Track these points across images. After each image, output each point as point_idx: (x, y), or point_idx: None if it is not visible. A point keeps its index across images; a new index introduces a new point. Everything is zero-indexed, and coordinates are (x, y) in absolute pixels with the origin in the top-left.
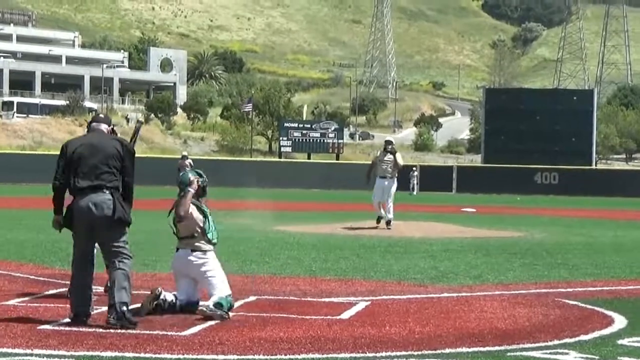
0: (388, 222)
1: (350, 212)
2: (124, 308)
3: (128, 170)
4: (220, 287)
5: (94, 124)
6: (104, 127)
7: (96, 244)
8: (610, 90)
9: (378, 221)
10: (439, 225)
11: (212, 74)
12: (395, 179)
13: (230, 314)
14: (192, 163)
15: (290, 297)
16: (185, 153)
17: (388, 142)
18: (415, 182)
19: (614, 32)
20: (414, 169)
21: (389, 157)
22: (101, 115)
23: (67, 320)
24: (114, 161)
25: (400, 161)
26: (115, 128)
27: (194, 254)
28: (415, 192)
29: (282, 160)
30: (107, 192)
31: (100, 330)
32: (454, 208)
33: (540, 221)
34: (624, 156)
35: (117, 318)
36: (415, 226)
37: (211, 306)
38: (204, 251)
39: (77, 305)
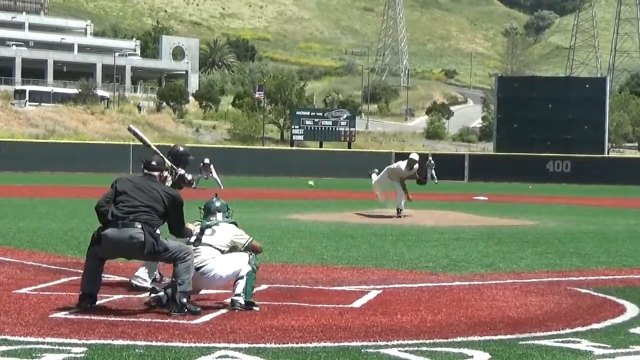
0: (399, 211)
1: (362, 201)
2: (184, 300)
3: (174, 220)
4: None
5: (145, 170)
6: (156, 174)
7: None
8: (623, 78)
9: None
10: (450, 213)
11: (224, 62)
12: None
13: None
14: (213, 168)
15: (302, 285)
16: (207, 160)
17: (413, 162)
18: (433, 171)
19: (627, 19)
20: (430, 158)
21: (411, 172)
22: (154, 163)
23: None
24: (157, 204)
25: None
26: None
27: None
28: (436, 181)
29: (294, 148)
30: (139, 225)
31: (112, 318)
32: (465, 196)
33: (552, 209)
34: (636, 144)
35: (178, 310)
36: (427, 214)
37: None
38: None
39: (86, 287)
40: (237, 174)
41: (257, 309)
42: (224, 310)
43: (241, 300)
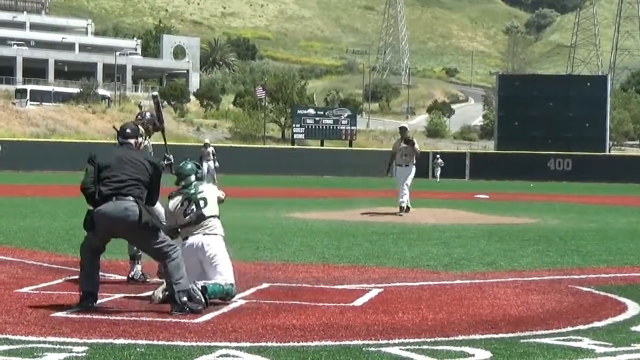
0: (401, 208)
1: (363, 199)
2: (184, 298)
3: (153, 189)
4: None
5: (120, 138)
6: (132, 141)
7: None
8: (624, 76)
9: (407, 210)
10: (451, 211)
11: (225, 61)
12: (413, 166)
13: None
14: (214, 152)
15: (303, 284)
16: (207, 140)
17: (403, 130)
18: (439, 170)
19: (627, 17)
20: (438, 156)
21: (407, 144)
22: (128, 131)
23: (77, 305)
24: (143, 176)
25: (418, 148)
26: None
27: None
28: (438, 180)
29: (295, 147)
30: (132, 199)
31: (113, 317)
32: (467, 194)
33: (553, 207)
34: (638, 142)
35: (179, 309)
36: (428, 213)
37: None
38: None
39: (84, 285)
40: (238, 172)
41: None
42: (225, 309)
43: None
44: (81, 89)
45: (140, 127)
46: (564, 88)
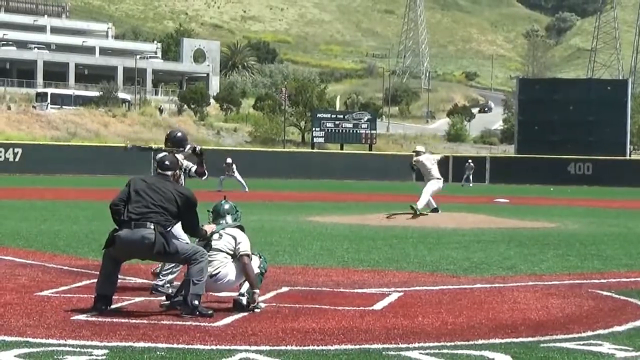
0: (415, 212)
1: (382, 203)
2: (196, 302)
3: (187, 220)
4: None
5: (159, 169)
6: (169, 173)
7: None
8: None
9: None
10: (470, 215)
11: (245, 64)
12: (434, 180)
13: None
14: (235, 168)
15: (322, 287)
16: (229, 160)
17: (415, 153)
18: (470, 175)
19: None
20: (470, 161)
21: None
22: (167, 163)
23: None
24: (170, 205)
25: (426, 162)
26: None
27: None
28: (471, 184)
29: (314, 151)
30: (151, 226)
31: (133, 320)
32: (487, 199)
33: (573, 212)
34: None
35: (190, 311)
36: (448, 217)
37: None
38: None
39: (100, 288)
40: (258, 176)
41: (258, 310)
42: (245, 313)
43: (244, 300)
44: (101, 93)
45: (179, 158)
46: (584, 92)
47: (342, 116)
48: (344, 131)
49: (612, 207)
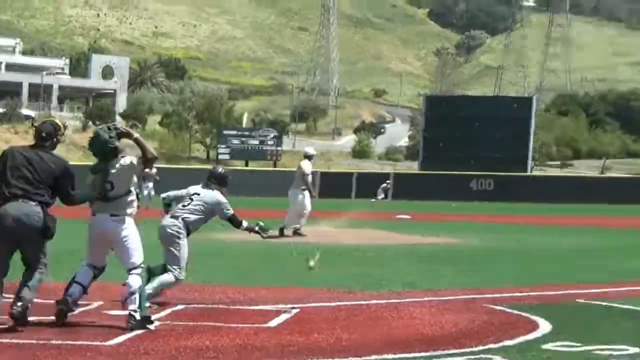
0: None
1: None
2: (27, 306)
3: (63, 188)
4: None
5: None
6: (47, 144)
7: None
8: (550, 97)
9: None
10: (371, 231)
11: (154, 81)
12: (303, 192)
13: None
14: (156, 177)
15: (218, 305)
16: (154, 171)
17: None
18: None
19: (556, 39)
20: (388, 181)
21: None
22: (44, 135)
23: None
24: (49, 179)
25: (306, 169)
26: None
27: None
28: (388, 199)
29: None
30: (36, 203)
31: (22, 341)
32: (387, 215)
33: (474, 227)
34: (559, 163)
35: (17, 313)
36: (349, 233)
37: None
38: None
39: None
40: (163, 192)
41: (152, 327)
42: (138, 332)
43: (137, 315)
44: (4, 109)
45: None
46: (490, 109)
47: (248, 133)
48: (249, 148)
49: (512, 223)
